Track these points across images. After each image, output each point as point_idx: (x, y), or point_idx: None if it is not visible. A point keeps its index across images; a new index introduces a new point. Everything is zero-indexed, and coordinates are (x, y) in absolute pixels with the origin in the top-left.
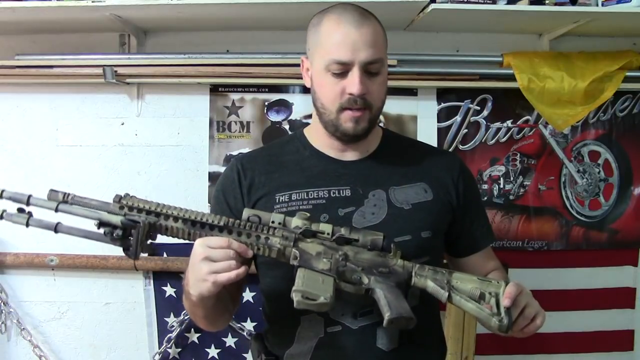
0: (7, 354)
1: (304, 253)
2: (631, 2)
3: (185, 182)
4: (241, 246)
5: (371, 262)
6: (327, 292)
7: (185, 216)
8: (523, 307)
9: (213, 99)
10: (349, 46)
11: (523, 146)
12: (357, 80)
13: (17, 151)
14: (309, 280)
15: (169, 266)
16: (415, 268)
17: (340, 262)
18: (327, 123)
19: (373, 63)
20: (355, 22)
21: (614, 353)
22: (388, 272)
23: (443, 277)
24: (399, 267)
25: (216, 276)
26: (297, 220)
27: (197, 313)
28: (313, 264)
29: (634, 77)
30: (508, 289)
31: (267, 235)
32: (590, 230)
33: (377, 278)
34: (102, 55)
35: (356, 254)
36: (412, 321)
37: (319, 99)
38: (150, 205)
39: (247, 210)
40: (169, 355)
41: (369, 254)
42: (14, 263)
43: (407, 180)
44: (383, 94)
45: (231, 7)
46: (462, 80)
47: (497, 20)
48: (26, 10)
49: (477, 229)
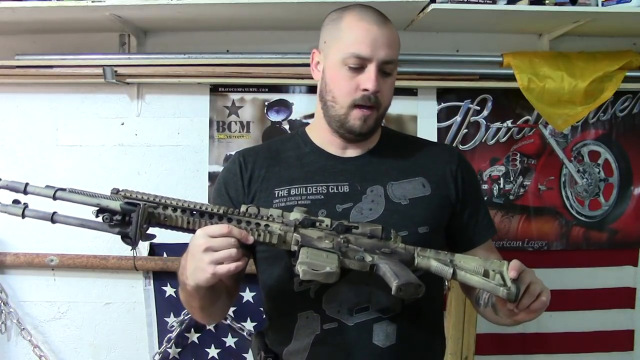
0: (7, 354)
1: (305, 236)
2: (631, 2)
3: (185, 182)
4: (242, 232)
5: (373, 245)
6: (332, 263)
7: (184, 205)
8: (528, 284)
9: (213, 99)
10: (371, 42)
11: (523, 146)
12: (374, 77)
13: (17, 151)
14: (313, 255)
15: (169, 266)
16: (417, 250)
17: (342, 244)
18: (333, 118)
19: (389, 63)
20: (377, 20)
21: (614, 353)
22: (391, 252)
23: (446, 257)
24: (401, 249)
25: (215, 267)
26: (296, 214)
27: (193, 304)
28: (315, 244)
29: (634, 77)
30: (512, 264)
31: (267, 222)
32: (590, 230)
33: (380, 256)
34: (102, 55)
35: (357, 239)
36: (420, 288)
37: (330, 91)
38: (148, 196)
39: (244, 205)
40: (169, 355)
41: (370, 240)
42: (14, 263)
43: (405, 176)
44: (391, 96)
45: (231, 7)
46: (462, 80)
47: (497, 20)
48: (26, 10)
49: (478, 223)
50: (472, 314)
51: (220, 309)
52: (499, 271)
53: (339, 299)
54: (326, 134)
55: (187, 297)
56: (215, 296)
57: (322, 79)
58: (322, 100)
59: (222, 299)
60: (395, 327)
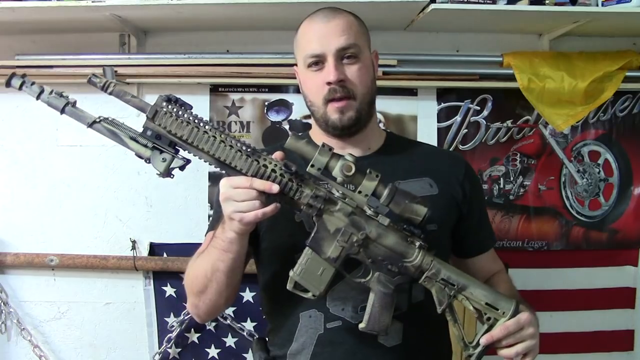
0: (7, 354)
1: (321, 230)
2: (631, 2)
3: (185, 182)
4: (265, 184)
5: (388, 253)
6: (319, 286)
7: (216, 155)
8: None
9: (213, 99)
10: (319, 39)
11: (523, 146)
12: (332, 68)
13: (17, 151)
14: (309, 267)
15: (169, 266)
16: (429, 272)
17: (353, 249)
18: (319, 120)
19: (347, 49)
20: (324, 18)
21: (614, 353)
22: (397, 272)
23: (451, 290)
24: (413, 266)
25: (242, 215)
26: (337, 171)
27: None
28: (323, 248)
29: (634, 77)
30: (498, 330)
31: (299, 185)
32: (590, 230)
33: (380, 277)
34: (102, 55)
35: (379, 236)
36: (383, 334)
37: (306, 96)
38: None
39: (290, 140)
40: (169, 355)
41: (394, 237)
42: (14, 263)
43: (412, 175)
44: (367, 81)
45: (231, 7)
46: (462, 80)
47: (497, 20)
48: (26, 10)
49: (483, 230)
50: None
51: (228, 297)
52: (495, 319)
53: (344, 297)
54: (322, 136)
55: (214, 261)
56: (235, 274)
57: (301, 89)
58: (308, 108)
59: (237, 282)
60: (401, 326)
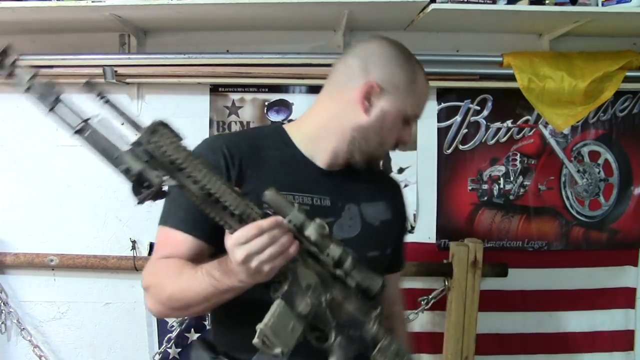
0: (7, 354)
1: (294, 284)
2: (631, 2)
3: None
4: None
5: (349, 320)
6: (288, 343)
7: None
8: None
9: (213, 99)
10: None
11: (523, 146)
12: (410, 134)
13: (17, 151)
14: (279, 320)
15: None
16: (382, 344)
17: (321, 308)
18: (365, 152)
19: None
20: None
21: (614, 353)
22: (357, 337)
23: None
24: (369, 335)
25: (273, 265)
26: (312, 230)
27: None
28: (295, 302)
29: (634, 77)
30: None
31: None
32: (590, 230)
33: (341, 342)
34: (102, 55)
35: (344, 299)
36: None
37: (382, 136)
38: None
39: (270, 193)
40: (169, 355)
41: (355, 304)
42: (14, 263)
43: (373, 198)
44: None
45: (231, 7)
46: (462, 80)
47: (497, 20)
48: (26, 10)
49: (402, 250)
50: (472, 314)
51: None
52: None
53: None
54: (325, 145)
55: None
56: None
57: (376, 119)
58: (364, 136)
59: None
60: None
